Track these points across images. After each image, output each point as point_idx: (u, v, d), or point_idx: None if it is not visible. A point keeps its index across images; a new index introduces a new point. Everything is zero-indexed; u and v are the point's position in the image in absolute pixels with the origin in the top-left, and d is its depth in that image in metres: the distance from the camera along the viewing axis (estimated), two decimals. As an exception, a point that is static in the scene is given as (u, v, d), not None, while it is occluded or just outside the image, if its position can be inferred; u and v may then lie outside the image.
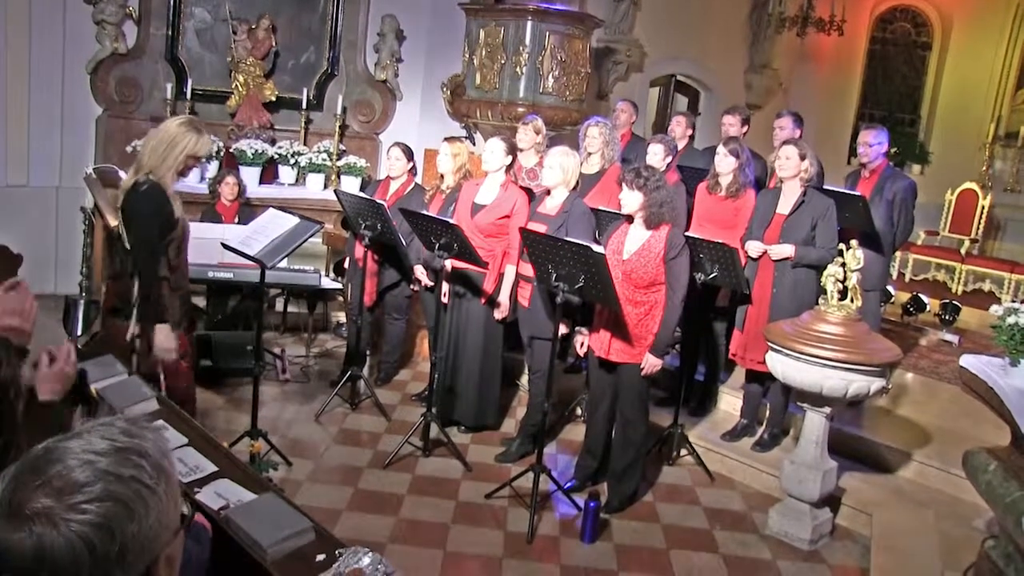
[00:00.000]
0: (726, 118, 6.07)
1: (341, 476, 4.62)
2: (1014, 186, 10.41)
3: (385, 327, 6.12)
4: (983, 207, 9.70)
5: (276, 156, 7.75)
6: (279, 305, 6.86)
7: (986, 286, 8.96)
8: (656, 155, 5.52)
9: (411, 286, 5.70)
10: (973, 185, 9.90)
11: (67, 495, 1.09)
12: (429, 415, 4.90)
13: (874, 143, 5.61)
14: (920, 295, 7.53)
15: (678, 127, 6.51)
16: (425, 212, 4.88)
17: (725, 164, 5.24)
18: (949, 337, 7.03)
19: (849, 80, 11.40)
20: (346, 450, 4.95)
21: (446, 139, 5.57)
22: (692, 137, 6.55)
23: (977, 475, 3.36)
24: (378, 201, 5.16)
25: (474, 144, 7.39)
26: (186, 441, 2.54)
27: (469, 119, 7.57)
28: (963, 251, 9.45)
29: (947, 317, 7.10)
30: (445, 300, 5.18)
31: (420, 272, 5.42)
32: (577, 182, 4.88)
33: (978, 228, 9.69)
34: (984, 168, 10.58)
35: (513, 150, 5.18)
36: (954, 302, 7.31)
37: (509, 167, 5.15)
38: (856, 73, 11.47)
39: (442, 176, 5.52)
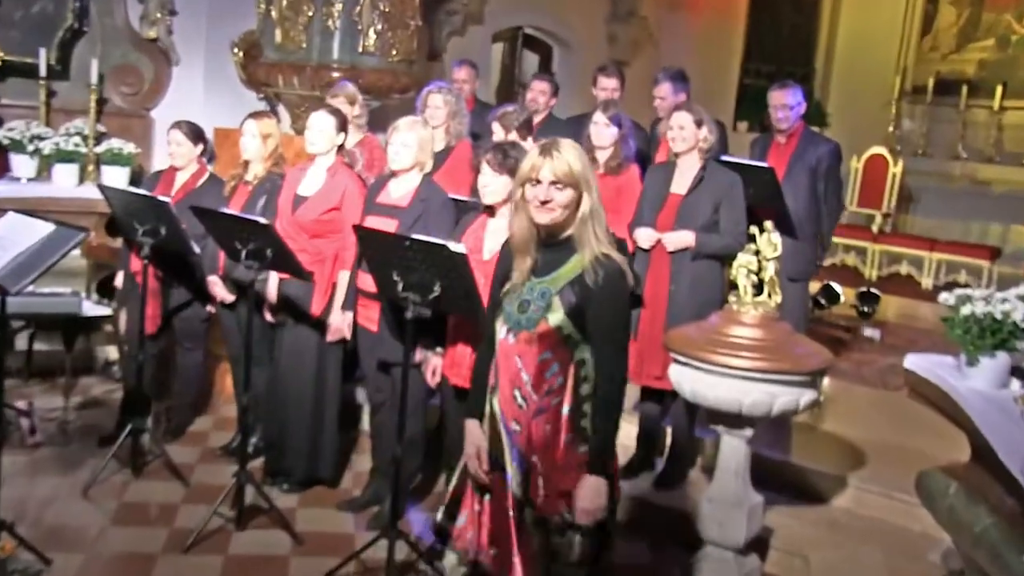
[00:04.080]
0: (602, 80, 6.15)
1: (125, 569, 4.38)
2: (925, 149, 11.01)
3: (176, 361, 5.92)
4: (894, 175, 10.23)
5: (7, 142, 7.25)
6: (22, 342, 6.46)
7: (903, 268, 9.49)
8: (497, 135, 5.50)
9: (207, 306, 5.54)
10: (882, 150, 10.45)
11: None
12: (242, 474, 4.73)
13: (794, 104, 5.84)
14: (831, 284, 7.83)
15: (542, 96, 6.57)
16: (226, 210, 4.71)
17: (605, 135, 5.25)
18: (869, 332, 7.35)
19: (731, 29, 11.82)
20: (130, 532, 4.70)
21: (251, 116, 5.39)
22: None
23: (935, 500, 3.45)
24: (160, 198, 4.98)
25: (279, 119, 7.22)
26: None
27: (270, 88, 7.43)
28: (875, 228, 9.97)
29: (865, 309, 7.43)
30: (270, 318, 5.13)
31: (216, 285, 5.27)
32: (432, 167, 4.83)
33: (890, 200, 10.22)
34: (891, 129, 11.18)
35: (345, 126, 5.09)
36: (871, 290, 7.65)
37: (341, 147, 5.06)
38: (739, 21, 11.90)
39: (246, 163, 5.35)
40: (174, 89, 7.96)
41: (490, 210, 4.30)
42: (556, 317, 2.97)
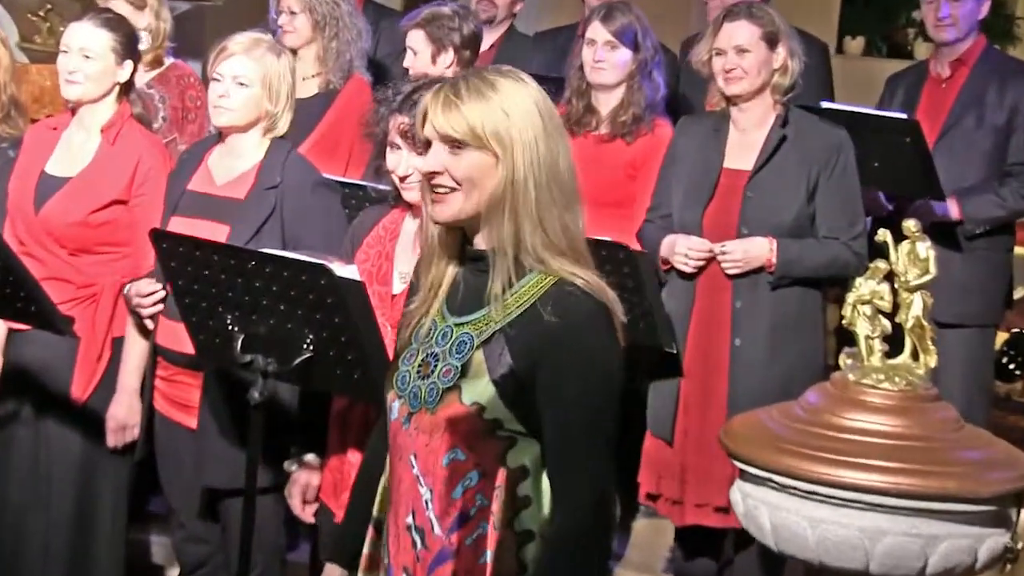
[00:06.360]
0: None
1: None
2: None
3: None
4: None
5: None
6: None
7: None
8: (418, 62, 5.55)
9: None
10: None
11: None
12: None
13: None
14: (1024, 332, 7.90)
15: None
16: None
17: (610, 65, 5.38)
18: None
19: None
20: None
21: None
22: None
23: None
24: None
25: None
26: None
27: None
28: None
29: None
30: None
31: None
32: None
33: None
34: None
35: (133, 47, 5.14)
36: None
37: (127, 88, 5.10)
38: None
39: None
40: None
41: (410, 206, 4.28)
42: (477, 389, 2.82)
